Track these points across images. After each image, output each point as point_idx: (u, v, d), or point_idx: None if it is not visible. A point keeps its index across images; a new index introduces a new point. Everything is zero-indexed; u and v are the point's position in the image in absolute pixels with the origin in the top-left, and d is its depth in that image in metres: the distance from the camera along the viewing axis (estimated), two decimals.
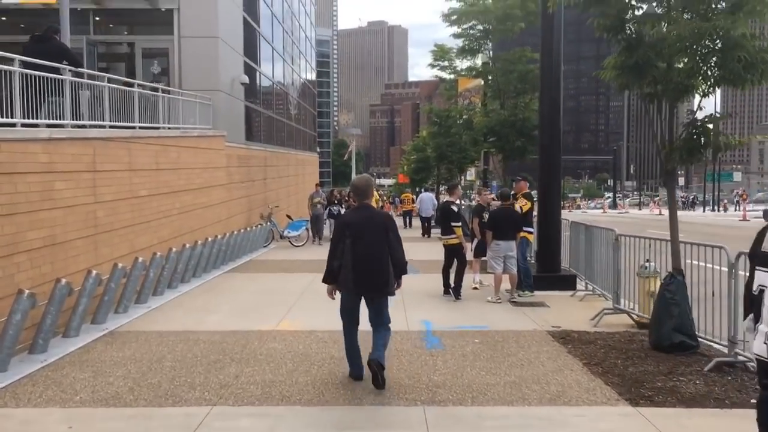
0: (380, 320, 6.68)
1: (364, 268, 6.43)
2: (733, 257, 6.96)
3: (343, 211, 22.35)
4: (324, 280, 6.75)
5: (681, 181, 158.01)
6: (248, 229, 19.59)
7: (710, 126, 7.09)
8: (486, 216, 13.03)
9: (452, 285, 11.75)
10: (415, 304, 11.07)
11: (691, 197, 74.79)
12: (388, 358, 7.58)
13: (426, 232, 26.68)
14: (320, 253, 19.67)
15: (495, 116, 15.71)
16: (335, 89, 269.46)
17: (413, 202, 31.23)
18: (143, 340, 8.59)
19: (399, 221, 42.42)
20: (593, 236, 11.56)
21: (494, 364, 7.36)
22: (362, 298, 6.68)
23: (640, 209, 69.93)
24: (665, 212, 60.38)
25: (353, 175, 70.73)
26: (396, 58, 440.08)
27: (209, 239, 14.84)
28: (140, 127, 13.18)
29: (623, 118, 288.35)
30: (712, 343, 7.61)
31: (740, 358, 6.90)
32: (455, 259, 11.93)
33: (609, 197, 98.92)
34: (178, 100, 16.13)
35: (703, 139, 7.04)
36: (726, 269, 7.08)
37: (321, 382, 6.70)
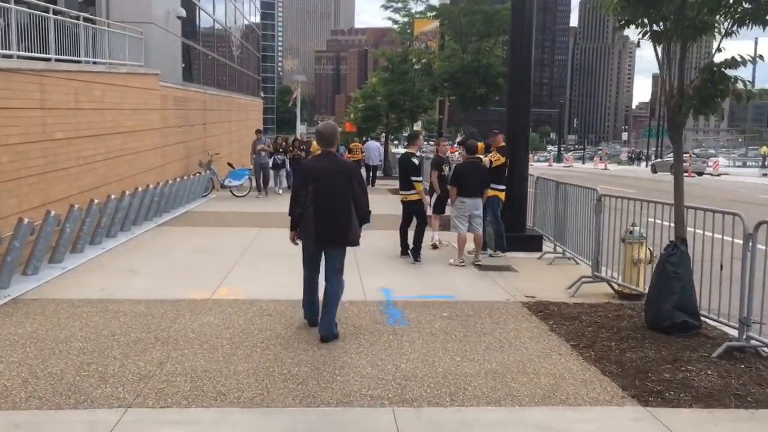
0: (335, 268, 6.53)
1: (327, 220, 6.28)
2: (750, 227, 5.99)
3: (287, 161, 20.97)
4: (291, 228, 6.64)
5: (624, 136, 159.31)
6: (186, 177, 18.01)
7: (728, 72, 6.02)
8: (446, 169, 11.94)
9: (411, 246, 10.63)
10: (371, 267, 9.93)
11: (638, 152, 75.10)
12: (345, 337, 6.45)
13: (371, 182, 25.73)
14: (264, 205, 18.31)
15: (456, 61, 14.40)
16: (280, 34, 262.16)
17: (362, 152, 30.30)
18: (51, 311, 7.20)
19: None
20: (567, 195, 10.57)
21: (469, 346, 6.28)
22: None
23: (583, 163, 70.03)
24: (611, 167, 60.82)
25: (298, 123, 68.36)
26: (343, 3, 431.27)
27: (140, 189, 13.29)
28: (57, 60, 11.46)
29: (567, 72, 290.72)
30: (717, 324, 6.70)
31: (753, 342, 5.98)
32: (414, 217, 10.80)
33: (553, 150, 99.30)
34: (104, 32, 14.30)
35: (720, 87, 5.96)
36: (739, 240, 6.12)
37: (265, 372, 5.49)
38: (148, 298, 7.83)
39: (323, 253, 6.54)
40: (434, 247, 11.67)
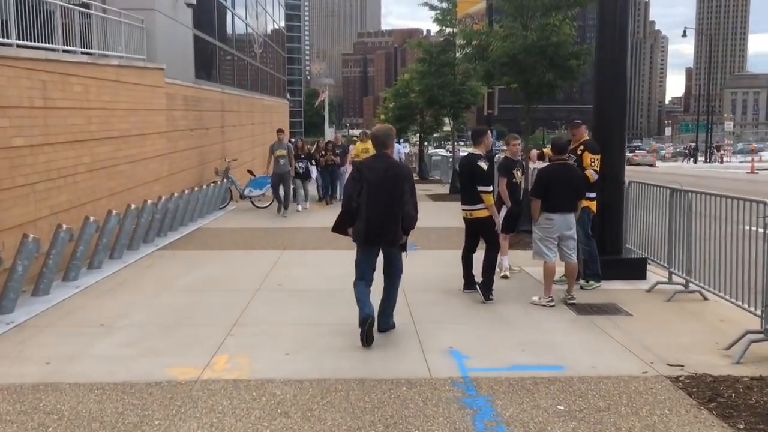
0: (391, 271, 6.44)
1: (376, 221, 6.23)
2: None
3: (313, 170, 18.21)
4: (336, 229, 6.55)
5: (668, 131, 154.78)
6: (199, 188, 15.55)
7: None
8: (518, 174, 9.23)
9: (480, 278, 7.94)
10: (429, 312, 7.26)
11: (693, 146, 70.37)
12: None
13: None
14: (288, 220, 15.69)
15: (519, 40, 11.66)
16: (307, 37, 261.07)
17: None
18: None
19: None
20: (689, 206, 7.80)
21: None
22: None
23: (691, 161, 63.78)
24: (659, 164, 56.41)
25: (326, 126, 66.02)
26: (369, 6, 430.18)
27: (133, 206, 10.78)
28: (19, 45, 9.00)
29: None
30: None
31: None
32: (483, 239, 8.11)
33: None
34: (91, 15, 11.85)
35: None
36: None
37: None
38: (107, 380, 5.24)
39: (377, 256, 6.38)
40: (504, 277, 8.97)
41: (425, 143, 41.33)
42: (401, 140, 42.05)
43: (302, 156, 17.44)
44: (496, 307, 7.57)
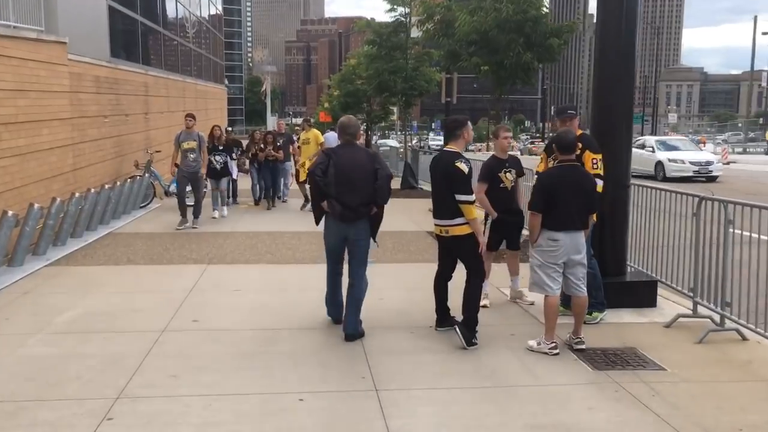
0: (358, 261, 6.12)
1: (349, 196, 5.94)
2: None
3: (232, 163, 14.95)
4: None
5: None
6: (113, 185, 13.24)
7: None
8: (509, 177, 7.33)
9: (461, 314, 6.02)
10: (394, 371, 5.30)
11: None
12: None
13: None
14: (217, 224, 12.58)
15: (491, 14, 9.74)
16: (248, 23, 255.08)
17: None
18: None
19: None
20: (727, 219, 6.07)
21: None
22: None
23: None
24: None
25: (268, 115, 63.31)
26: None
27: (9, 214, 8.48)
28: None
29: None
30: None
31: None
32: (463, 263, 6.19)
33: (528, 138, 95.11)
34: None
35: None
36: None
37: None
38: None
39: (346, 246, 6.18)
40: (483, 306, 7.08)
41: (369, 132, 39.28)
42: (331, 129, 39.94)
43: (220, 148, 14.32)
44: (481, 356, 5.67)
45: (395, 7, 19.60)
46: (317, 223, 6.28)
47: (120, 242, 11.01)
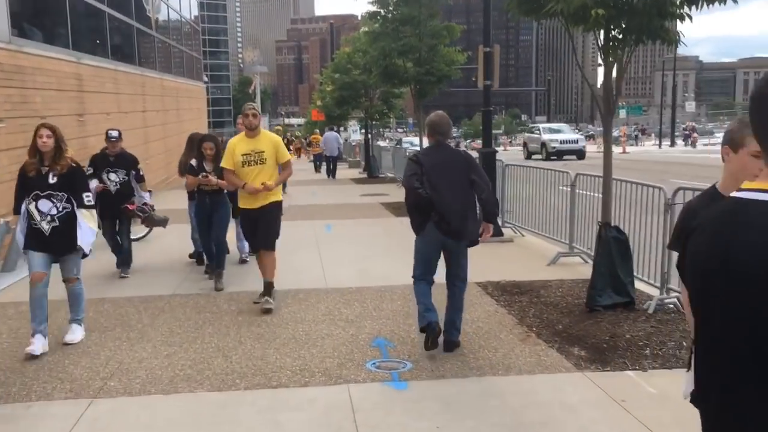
0: (458, 272, 5.80)
1: (446, 213, 5.58)
2: None
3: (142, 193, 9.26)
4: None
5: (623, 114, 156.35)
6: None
7: None
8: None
9: None
10: None
11: (642, 128, 66.84)
12: None
13: (332, 173, 25.69)
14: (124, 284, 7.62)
15: None
16: (238, 23, 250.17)
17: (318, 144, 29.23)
18: None
19: (310, 167, 31.46)
20: None
21: None
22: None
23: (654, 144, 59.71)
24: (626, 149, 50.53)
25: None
26: None
27: None
28: None
29: (532, 53, 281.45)
30: None
31: None
32: None
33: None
34: None
35: None
36: None
37: None
38: None
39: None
40: None
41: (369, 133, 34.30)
42: (336, 128, 35.02)
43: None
44: None
45: None
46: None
47: None
